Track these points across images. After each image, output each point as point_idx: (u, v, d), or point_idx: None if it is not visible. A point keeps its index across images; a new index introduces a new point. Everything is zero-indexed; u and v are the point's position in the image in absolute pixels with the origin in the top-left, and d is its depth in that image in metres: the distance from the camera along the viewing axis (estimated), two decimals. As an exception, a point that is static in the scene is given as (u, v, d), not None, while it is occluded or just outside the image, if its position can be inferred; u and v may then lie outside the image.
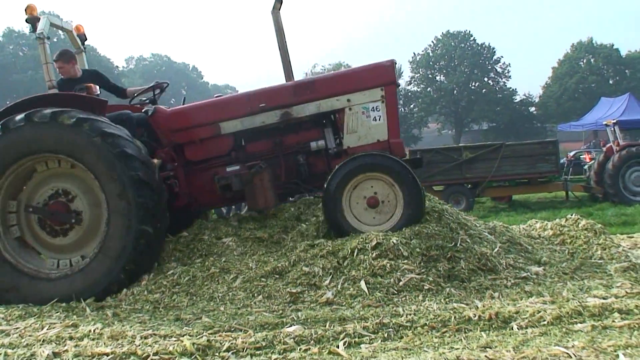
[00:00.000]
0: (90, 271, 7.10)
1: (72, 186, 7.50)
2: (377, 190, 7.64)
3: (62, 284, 7.11)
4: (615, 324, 5.10)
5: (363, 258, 6.61)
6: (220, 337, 5.13)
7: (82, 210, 7.47)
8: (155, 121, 8.37)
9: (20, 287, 7.14)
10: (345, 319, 5.50)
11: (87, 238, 7.49)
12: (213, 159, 8.43)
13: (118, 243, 7.04)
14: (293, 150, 8.40)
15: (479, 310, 5.51)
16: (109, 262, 7.04)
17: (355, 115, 8.21)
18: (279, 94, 8.36)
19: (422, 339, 4.99)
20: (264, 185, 7.90)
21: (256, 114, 8.25)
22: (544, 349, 4.50)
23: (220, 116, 8.31)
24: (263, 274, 6.72)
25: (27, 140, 7.22)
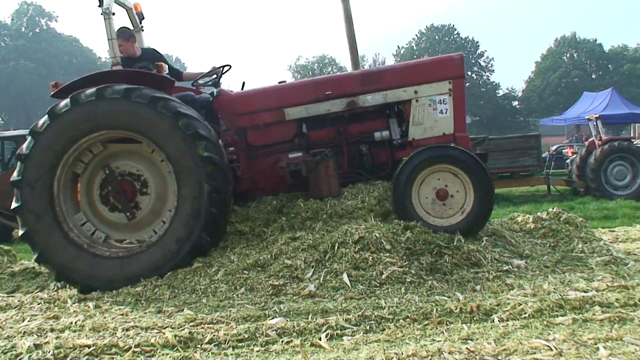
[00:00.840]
0: (154, 253, 7.11)
1: (137, 164, 7.51)
2: (447, 182, 7.63)
3: (123, 264, 7.10)
4: (596, 317, 5.13)
5: (345, 251, 6.60)
6: (202, 329, 5.13)
7: (148, 189, 7.49)
8: (218, 104, 8.34)
9: (83, 267, 7.09)
10: (327, 311, 5.50)
11: (147, 220, 7.54)
12: (276, 145, 8.37)
13: (187, 225, 7.05)
14: (356, 140, 8.38)
15: (460, 303, 5.54)
16: (175, 245, 7.06)
17: (422, 107, 8.21)
18: (346, 83, 8.38)
19: (403, 331, 5.00)
20: (329, 174, 7.90)
21: (322, 101, 8.25)
22: (525, 342, 4.53)
23: (285, 102, 8.31)
24: (245, 267, 6.70)
25: (97, 115, 7.12)
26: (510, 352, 4.37)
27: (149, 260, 7.03)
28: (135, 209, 7.48)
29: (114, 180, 7.45)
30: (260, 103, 8.33)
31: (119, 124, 7.17)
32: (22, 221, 7.19)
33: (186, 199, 7.06)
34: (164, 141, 7.11)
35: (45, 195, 7.19)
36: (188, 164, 7.04)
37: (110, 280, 6.93)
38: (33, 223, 7.16)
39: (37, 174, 7.18)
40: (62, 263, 7.11)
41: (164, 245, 7.08)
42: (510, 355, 4.32)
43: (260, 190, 8.41)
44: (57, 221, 7.22)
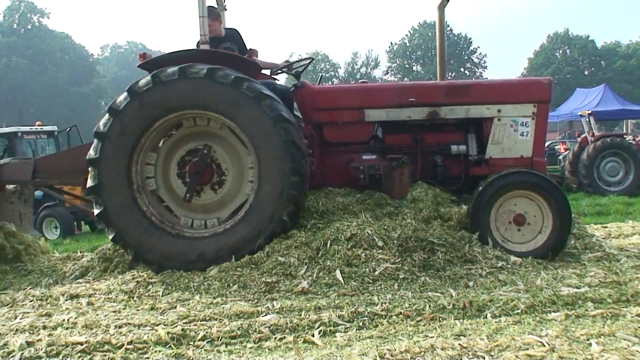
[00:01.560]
0: (235, 234, 7.08)
1: (214, 144, 7.44)
2: (525, 208, 7.51)
3: (203, 245, 7.08)
4: (588, 313, 5.17)
5: (338, 248, 6.61)
6: (195, 326, 5.12)
7: (225, 171, 7.46)
8: (299, 96, 8.28)
9: (161, 246, 7.08)
10: (320, 308, 5.50)
11: (224, 201, 7.50)
12: (351, 144, 8.31)
13: (268, 208, 7.05)
14: (432, 150, 8.32)
15: (453, 299, 5.56)
16: (256, 226, 7.04)
17: (504, 127, 8.19)
18: (431, 92, 8.32)
19: (396, 327, 5.01)
20: (403, 181, 7.88)
21: (404, 107, 8.18)
22: (518, 338, 4.55)
23: (367, 103, 8.25)
24: (239, 264, 6.71)
25: (179, 94, 7.07)
26: (502, 348, 4.38)
27: (228, 243, 7.03)
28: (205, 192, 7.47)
29: (203, 161, 7.39)
30: (342, 101, 8.30)
31: (200, 104, 7.13)
32: (99, 200, 7.15)
33: (268, 181, 7.05)
34: (247, 123, 7.06)
35: (123, 174, 7.16)
36: (271, 146, 7.01)
37: (187, 262, 6.96)
38: (110, 202, 7.13)
39: (115, 152, 7.13)
40: (139, 243, 7.11)
41: (244, 228, 7.08)
42: (503, 351, 4.33)
43: (329, 187, 8.31)
44: (135, 201, 7.20)
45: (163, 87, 7.03)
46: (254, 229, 7.02)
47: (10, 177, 8.59)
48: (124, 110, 7.09)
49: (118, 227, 7.11)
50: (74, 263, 7.99)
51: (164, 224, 7.25)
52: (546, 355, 4.21)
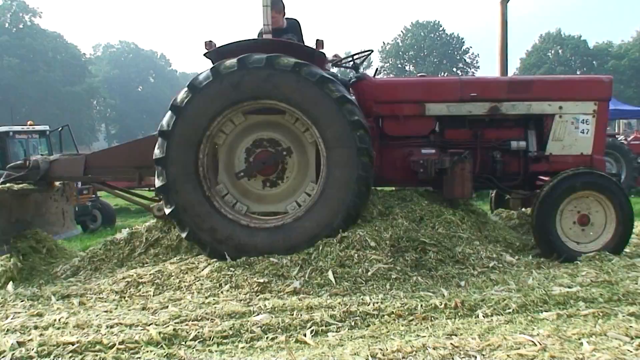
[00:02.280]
0: (304, 223, 7.05)
1: (265, 132, 7.41)
2: (589, 208, 7.56)
3: (276, 235, 7.03)
4: (580, 313, 5.20)
5: (330, 250, 6.62)
6: (186, 326, 5.10)
7: (289, 160, 7.41)
8: (359, 89, 8.22)
9: (236, 239, 7.04)
10: (312, 307, 5.49)
11: (291, 189, 7.47)
12: (411, 138, 8.25)
13: (338, 192, 7.00)
14: (491, 146, 8.28)
15: (445, 299, 5.58)
16: (328, 212, 7.01)
17: (564, 124, 8.18)
18: (492, 87, 8.31)
19: (388, 327, 5.03)
20: (464, 176, 7.77)
21: (465, 102, 8.15)
22: (509, 337, 4.57)
23: (428, 97, 8.21)
24: (231, 265, 6.69)
25: (240, 86, 6.99)
26: (494, 347, 4.40)
27: (302, 231, 6.99)
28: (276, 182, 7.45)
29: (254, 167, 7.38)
30: (403, 94, 8.27)
31: (263, 94, 7.05)
32: (169, 199, 7.11)
33: (336, 164, 6.99)
34: (311, 107, 6.99)
35: (191, 170, 7.10)
36: (337, 127, 6.96)
37: (263, 252, 6.88)
38: (180, 200, 7.08)
39: (181, 149, 7.08)
40: (213, 239, 7.06)
41: (316, 215, 7.04)
42: (495, 350, 4.34)
43: (387, 180, 8.37)
44: (205, 196, 7.15)
45: (224, 79, 6.98)
46: (327, 214, 7.01)
47: (62, 173, 8.40)
48: (186, 107, 7.03)
49: (191, 225, 7.07)
50: (65, 263, 7.94)
51: (236, 217, 7.21)
52: (538, 354, 4.23)
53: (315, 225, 6.98)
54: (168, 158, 7.02)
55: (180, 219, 7.08)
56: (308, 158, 7.40)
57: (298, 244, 6.88)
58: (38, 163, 8.22)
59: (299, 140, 7.39)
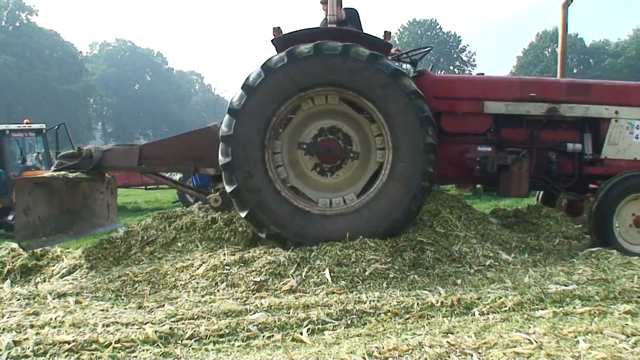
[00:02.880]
0: (370, 211, 7.11)
1: (342, 123, 7.43)
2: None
3: (338, 222, 7.07)
4: (576, 311, 5.21)
5: (329, 249, 6.64)
6: (182, 324, 5.10)
7: (354, 148, 7.43)
8: (419, 84, 8.01)
9: (297, 224, 7.09)
10: (309, 306, 5.49)
11: (353, 178, 7.48)
12: (468, 135, 8.28)
13: (403, 184, 7.06)
14: (547, 146, 8.34)
15: (441, 297, 5.58)
16: (392, 203, 7.07)
17: (620, 128, 8.27)
18: (552, 88, 8.38)
19: (385, 325, 5.04)
20: (522, 175, 7.83)
21: (524, 101, 8.21)
22: (505, 335, 4.58)
23: (487, 94, 8.23)
24: (227, 263, 6.68)
25: (313, 71, 7.04)
26: (490, 345, 4.40)
27: (364, 220, 7.05)
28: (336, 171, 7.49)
29: (317, 147, 7.43)
30: (463, 91, 8.28)
31: (334, 81, 7.09)
32: (231, 177, 7.11)
33: (403, 157, 7.05)
34: (382, 99, 7.03)
35: (257, 151, 7.13)
36: (407, 120, 7.00)
37: (323, 239, 6.93)
38: (243, 179, 7.09)
39: (249, 129, 7.11)
40: (273, 220, 7.09)
41: (378, 205, 7.10)
42: (491, 348, 4.35)
43: (442, 177, 8.43)
44: (268, 178, 7.18)
45: (298, 63, 7.01)
46: (389, 206, 7.06)
47: (116, 163, 8.51)
48: (258, 87, 7.04)
49: (251, 204, 7.08)
50: (61, 261, 7.92)
51: (297, 201, 7.26)
52: (534, 352, 4.24)
53: (374, 216, 7.06)
54: (235, 136, 7.05)
55: (241, 198, 7.09)
56: (366, 170, 7.45)
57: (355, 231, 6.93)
58: (91, 152, 8.26)
59: (368, 144, 7.43)
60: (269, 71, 7.01)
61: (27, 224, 7.31)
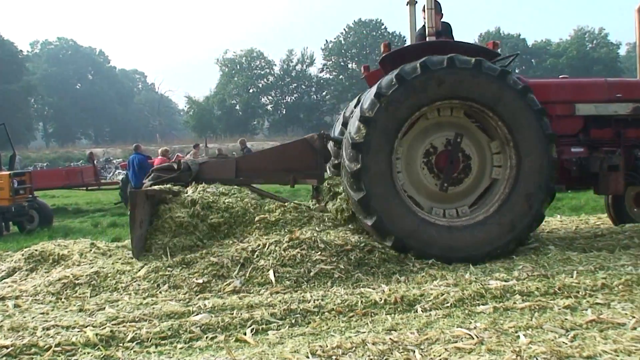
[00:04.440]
0: (494, 223, 7.24)
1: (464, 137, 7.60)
2: None
3: (466, 233, 7.19)
4: (516, 306, 5.29)
5: (274, 249, 6.63)
6: (124, 327, 5.04)
7: (471, 161, 7.64)
8: None
9: (422, 233, 7.10)
10: (252, 306, 5.49)
11: (465, 191, 7.67)
12: (561, 137, 8.27)
13: (527, 198, 7.24)
14: (632, 144, 8.60)
15: (385, 294, 5.62)
16: (515, 217, 7.24)
17: None
18: (636, 88, 8.76)
19: (329, 323, 5.05)
20: (618, 173, 8.10)
21: (611, 102, 8.47)
22: (447, 331, 4.63)
23: (578, 97, 8.48)
24: (170, 264, 6.63)
25: (446, 83, 7.17)
26: (432, 341, 4.44)
27: (471, 238, 7.15)
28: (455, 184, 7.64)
29: (455, 150, 7.58)
30: (556, 94, 8.45)
31: (465, 94, 7.26)
32: (359, 185, 7.15)
33: (527, 173, 7.26)
34: (511, 114, 7.24)
35: (385, 159, 7.20)
36: (532, 137, 7.22)
37: (446, 250, 7.03)
38: (372, 187, 7.12)
39: (380, 136, 7.17)
40: (400, 230, 7.10)
41: (488, 230, 7.22)
42: (433, 344, 4.39)
43: None
44: (394, 186, 7.24)
45: (431, 75, 7.12)
46: (513, 220, 7.23)
47: (214, 175, 8.59)
48: (392, 96, 7.14)
49: (379, 213, 7.09)
50: (1, 264, 7.75)
51: (421, 212, 7.39)
52: (475, 347, 4.29)
53: (496, 230, 7.21)
54: (365, 144, 7.13)
55: (369, 206, 7.13)
56: (478, 185, 7.71)
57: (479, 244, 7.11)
58: (189, 165, 8.53)
59: (484, 160, 7.69)
60: (402, 81, 7.13)
61: (141, 236, 7.24)
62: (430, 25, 7.92)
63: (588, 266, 6.47)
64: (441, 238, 7.11)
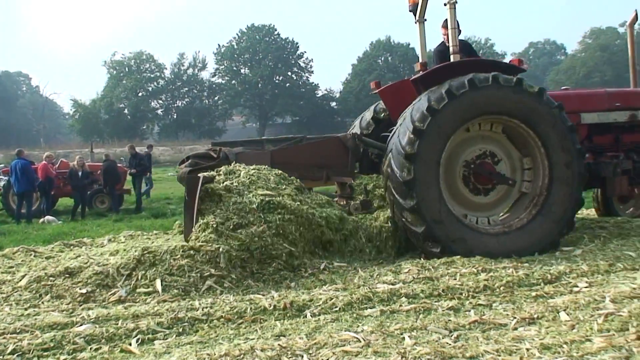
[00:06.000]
0: (530, 230, 7.77)
1: (496, 149, 8.19)
2: None
3: (500, 241, 7.63)
4: (402, 308, 5.41)
5: (164, 257, 6.52)
6: (4, 339, 4.86)
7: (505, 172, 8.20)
8: None
9: (466, 240, 7.51)
10: (138, 315, 5.38)
11: (495, 201, 8.26)
12: None
13: (559, 208, 7.82)
14: (629, 148, 9.44)
15: (274, 300, 5.63)
16: (550, 224, 7.80)
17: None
18: (633, 97, 9.61)
19: (217, 331, 5.02)
20: (623, 177, 8.95)
21: (611, 110, 9.30)
22: (335, 335, 4.68)
23: (583, 107, 9.23)
24: (51, 274, 6.44)
25: (491, 99, 7.72)
26: (320, 345, 4.48)
27: (509, 244, 7.60)
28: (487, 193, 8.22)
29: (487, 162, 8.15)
30: (566, 106, 8.59)
31: (507, 110, 7.83)
32: (411, 193, 7.46)
33: (555, 203, 7.82)
34: (545, 129, 7.81)
35: (435, 169, 7.61)
36: (565, 152, 7.81)
37: (488, 255, 7.29)
38: (423, 196, 7.46)
39: (431, 148, 7.56)
40: (447, 236, 7.47)
41: (524, 236, 7.72)
42: (321, 348, 4.43)
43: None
44: (442, 195, 7.62)
45: (477, 91, 7.62)
46: (547, 227, 7.79)
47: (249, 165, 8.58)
48: (442, 110, 7.55)
49: (430, 221, 7.45)
50: None
51: (465, 218, 7.96)
52: (362, 350, 4.36)
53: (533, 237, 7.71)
54: (418, 155, 7.49)
55: (420, 214, 7.47)
56: (508, 196, 8.31)
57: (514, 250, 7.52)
58: (226, 154, 8.69)
59: (514, 174, 8.26)
60: (451, 96, 7.56)
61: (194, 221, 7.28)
62: (453, 44, 8.33)
63: (471, 268, 6.68)
64: (482, 244, 7.55)
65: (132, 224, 14.61)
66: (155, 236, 9.55)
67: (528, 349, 4.28)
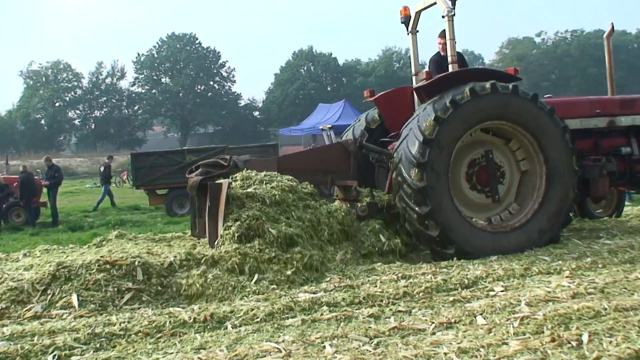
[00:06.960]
0: (530, 228, 8.37)
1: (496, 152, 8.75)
2: None
3: (494, 239, 8.16)
4: (323, 317, 5.45)
5: (79, 272, 6.37)
6: None
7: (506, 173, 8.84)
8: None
9: (477, 240, 8.04)
10: (55, 331, 5.25)
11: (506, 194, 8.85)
12: None
13: (556, 205, 8.48)
14: (607, 152, 10.03)
15: (194, 313, 5.56)
16: (538, 234, 8.33)
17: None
18: (611, 104, 10.22)
19: (135, 346, 4.94)
20: (605, 179, 9.48)
21: (592, 117, 9.89)
22: (256, 346, 4.68)
23: (569, 114, 9.58)
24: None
25: (490, 106, 8.22)
26: (241, 357, 4.49)
27: (515, 240, 8.18)
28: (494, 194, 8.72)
29: (491, 165, 8.66)
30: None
31: (506, 116, 8.35)
32: (425, 200, 7.81)
33: (553, 199, 8.49)
34: (541, 133, 8.46)
35: (445, 175, 8.03)
36: (560, 152, 8.48)
37: (482, 250, 7.92)
38: (437, 202, 7.84)
39: (441, 155, 7.95)
40: (462, 238, 7.90)
41: (528, 232, 8.34)
42: (242, 360, 4.40)
43: None
44: (452, 199, 8.08)
45: (478, 99, 8.07)
46: (535, 235, 8.33)
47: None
48: (448, 119, 7.95)
49: (443, 224, 7.84)
50: None
51: (472, 220, 8.45)
52: (283, 360, 4.35)
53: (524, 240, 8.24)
54: (428, 163, 7.86)
55: (434, 219, 7.83)
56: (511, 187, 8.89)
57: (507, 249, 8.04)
58: (236, 162, 8.88)
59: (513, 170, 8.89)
60: (456, 105, 7.99)
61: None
62: (452, 54, 8.80)
63: (391, 275, 6.77)
64: (490, 242, 8.07)
65: (48, 238, 14.25)
66: (71, 250, 9.31)
67: (446, 353, 4.37)
